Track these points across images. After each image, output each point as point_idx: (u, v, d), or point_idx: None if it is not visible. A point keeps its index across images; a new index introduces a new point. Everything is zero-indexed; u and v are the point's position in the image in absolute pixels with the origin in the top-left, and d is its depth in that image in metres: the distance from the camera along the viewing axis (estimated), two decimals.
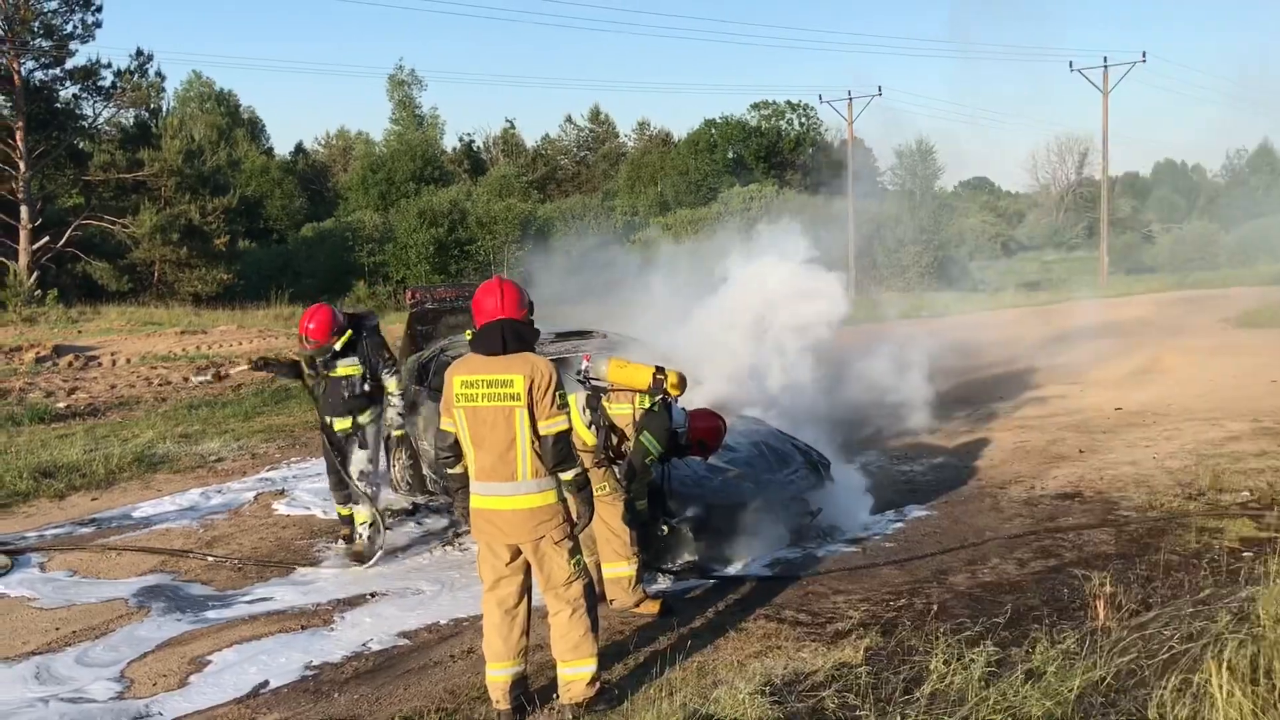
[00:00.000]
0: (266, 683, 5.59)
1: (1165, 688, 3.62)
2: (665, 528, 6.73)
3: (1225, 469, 8.97)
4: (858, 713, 4.48)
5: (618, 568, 6.23)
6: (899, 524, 8.03)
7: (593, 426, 6.30)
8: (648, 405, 6.30)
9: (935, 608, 6.00)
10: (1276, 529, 6.98)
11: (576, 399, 6.28)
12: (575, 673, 4.91)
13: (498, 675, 4.95)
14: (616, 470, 6.27)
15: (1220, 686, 3.34)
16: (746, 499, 7.37)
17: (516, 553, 4.94)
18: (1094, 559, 6.81)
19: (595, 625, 4.99)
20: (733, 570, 7.07)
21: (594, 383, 6.50)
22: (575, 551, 4.95)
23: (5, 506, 9.34)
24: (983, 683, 4.41)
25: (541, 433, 4.77)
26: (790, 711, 4.62)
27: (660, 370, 6.32)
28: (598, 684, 4.95)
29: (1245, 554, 6.50)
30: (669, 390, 6.33)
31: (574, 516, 4.99)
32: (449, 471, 5.08)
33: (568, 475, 4.87)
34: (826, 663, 5.18)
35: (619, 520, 6.17)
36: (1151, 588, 6.03)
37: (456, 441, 4.96)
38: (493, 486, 4.84)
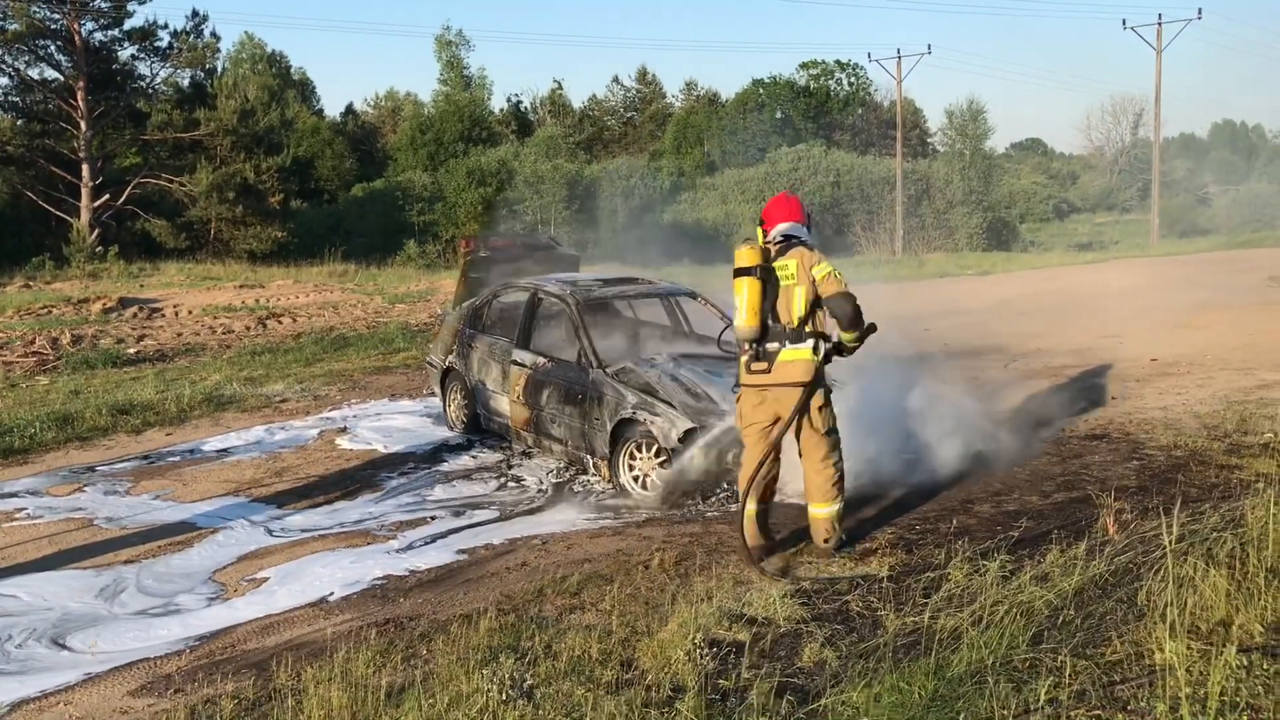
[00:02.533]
0: (334, 592, 6.09)
1: (1155, 578, 3.98)
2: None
3: (1253, 413, 9.22)
4: (878, 612, 4.89)
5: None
6: (930, 461, 8.36)
7: None
8: None
9: (959, 531, 6.38)
10: None
11: None
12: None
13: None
14: None
15: (1197, 568, 3.69)
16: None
17: None
18: (1116, 492, 7.08)
19: None
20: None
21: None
22: None
23: (87, 439, 9.97)
24: (996, 586, 4.79)
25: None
26: (817, 611, 5.04)
27: None
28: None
29: (1264, 489, 6.77)
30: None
31: None
32: None
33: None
34: (853, 574, 5.59)
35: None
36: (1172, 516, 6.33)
37: None
38: None
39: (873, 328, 6.16)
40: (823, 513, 6.16)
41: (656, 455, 7.57)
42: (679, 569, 6.03)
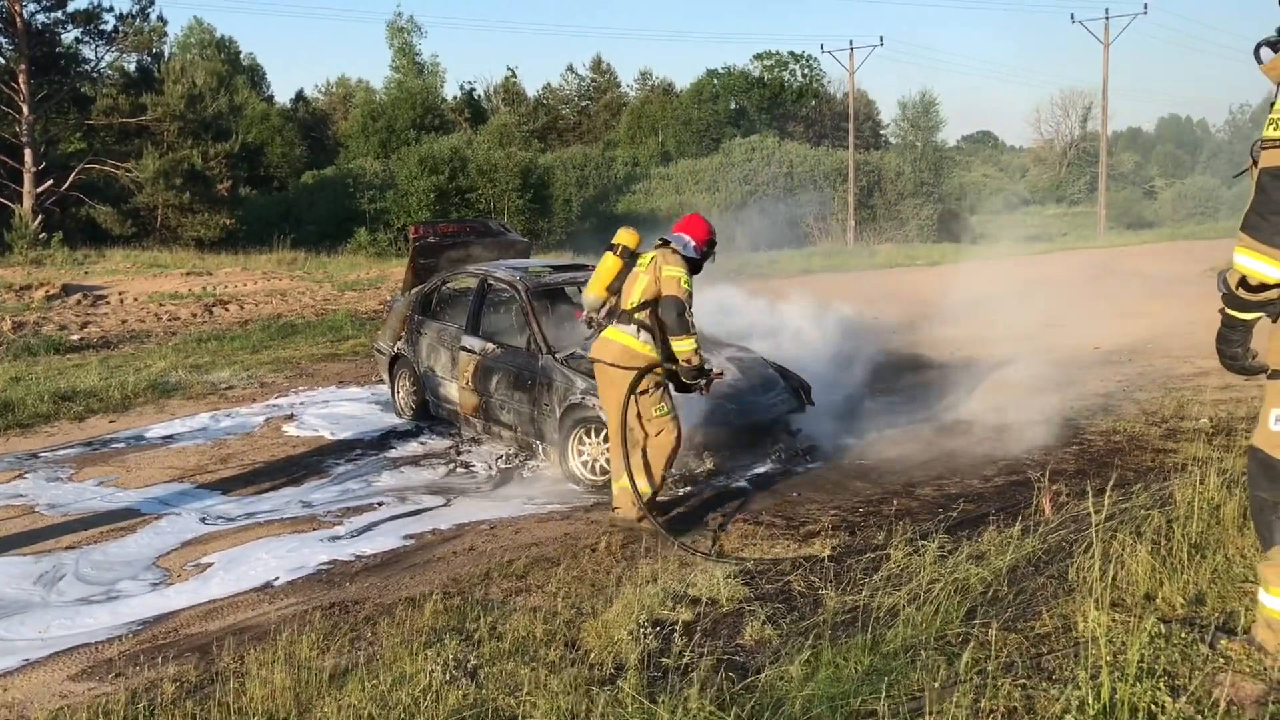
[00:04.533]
0: (279, 577, 6.07)
1: (1085, 555, 4.09)
2: None
3: (1190, 400, 9.43)
4: (820, 591, 4.96)
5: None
6: (875, 446, 8.49)
7: None
8: None
9: (901, 512, 6.48)
10: (1225, 449, 7.44)
11: None
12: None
13: None
14: None
15: (1125, 544, 3.81)
16: (731, 419, 7.85)
17: None
18: (1055, 475, 7.23)
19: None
20: (716, 483, 7.55)
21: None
22: None
23: (28, 426, 9.82)
24: (934, 565, 4.88)
25: None
26: (759, 591, 5.11)
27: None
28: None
29: (1195, 470, 6.97)
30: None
31: None
32: None
33: None
34: (796, 555, 5.67)
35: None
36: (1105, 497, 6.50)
37: None
38: None
39: (709, 373, 6.61)
40: (615, 485, 6.60)
41: (605, 440, 7.60)
42: (625, 552, 6.09)
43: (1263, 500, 3.34)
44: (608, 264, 6.66)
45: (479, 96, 67.78)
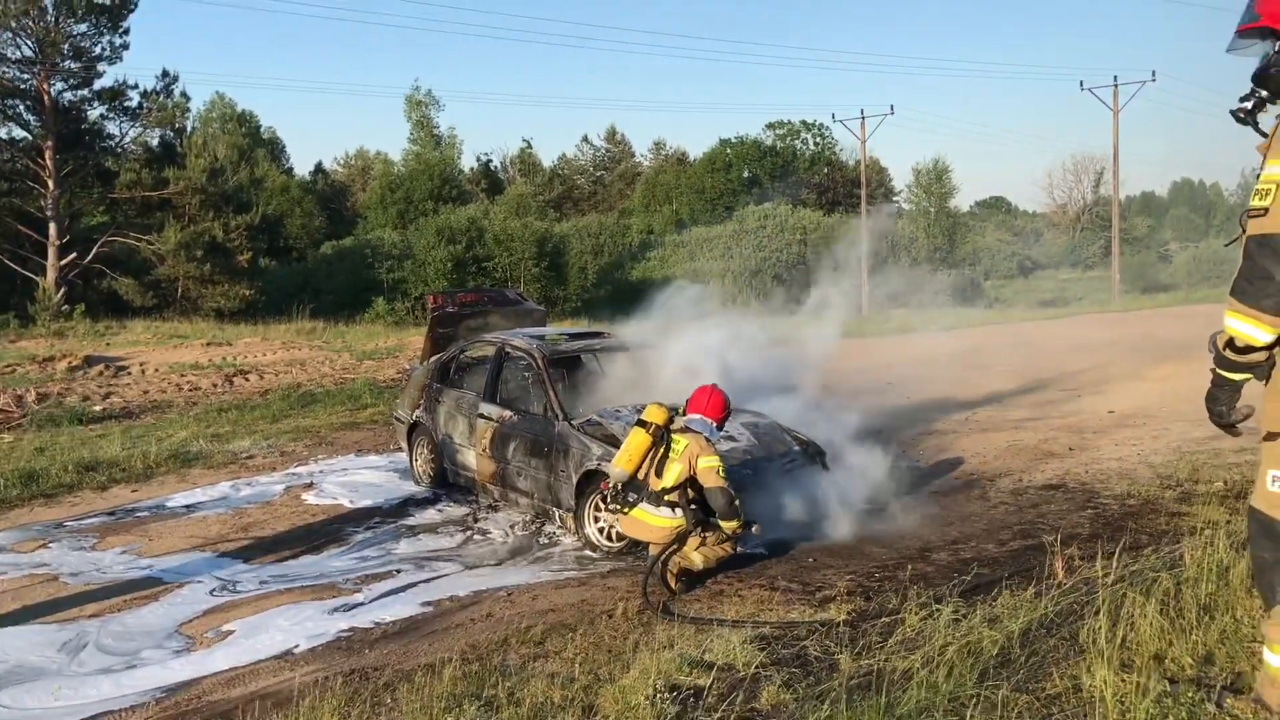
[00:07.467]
0: (300, 644, 6.13)
1: (1095, 617, 4.14)
2: None
3: (1205, 463, 9.45)
4: (835, 656, 5.00)
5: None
6: (891, 511, 8.52)
7: None
8: None
9: (916, 577, 6.51)
10: (1237, 511, 7.45)
11: None
12: None
13: None
14: None
15: (1136, 606, 3.86)
16: (745, 484, 7.90)
17: None
18: (1069, 539, 7.26)
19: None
20: None
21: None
22: None
23: (52, 496, 9.95)
24: (949, 627, 4.92)
25: None
26: (775, 656, 5.15)
27: None
28: None
29: (1206, 532, 6.99)
30: None
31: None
32: None
33: None
34: (812, 619, 5.71)
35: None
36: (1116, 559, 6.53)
37: None
38: None
39: (750, 525, 6.88)
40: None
41: None
42: (641, 617, 6.13)
43: (1264, 560, 3.41)
44: (639, 440, 6.85)
45: (495, 167, 68.89)
